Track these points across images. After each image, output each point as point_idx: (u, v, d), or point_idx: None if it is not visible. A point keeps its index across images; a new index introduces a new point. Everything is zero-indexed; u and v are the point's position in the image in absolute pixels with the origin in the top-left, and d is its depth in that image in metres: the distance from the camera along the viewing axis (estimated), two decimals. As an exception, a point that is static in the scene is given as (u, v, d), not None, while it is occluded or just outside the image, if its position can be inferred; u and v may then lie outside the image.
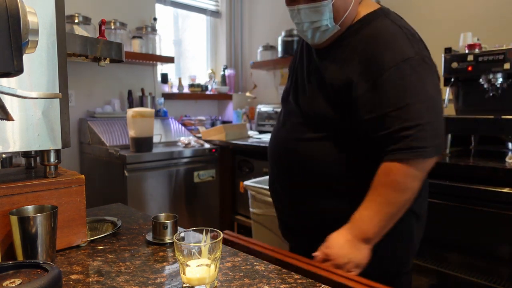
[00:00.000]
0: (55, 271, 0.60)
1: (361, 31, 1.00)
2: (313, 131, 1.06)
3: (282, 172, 1.14)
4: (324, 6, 0.98)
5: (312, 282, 0.71)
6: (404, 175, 0.92)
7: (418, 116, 0.90)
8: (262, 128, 3.47)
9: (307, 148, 1.06)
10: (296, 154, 1.08)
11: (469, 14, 2.41)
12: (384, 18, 1.00)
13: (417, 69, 0.93)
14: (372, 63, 0.95)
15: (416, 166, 0.92)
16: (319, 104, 1.04)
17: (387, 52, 0.94)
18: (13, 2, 0.54)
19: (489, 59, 1.83)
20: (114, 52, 0.96)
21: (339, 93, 0.99)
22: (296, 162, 1.09)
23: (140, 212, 1.16)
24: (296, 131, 1.10)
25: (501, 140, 2.08)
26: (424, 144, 0.90)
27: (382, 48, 0.95)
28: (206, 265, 0.67)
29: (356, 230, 0.95)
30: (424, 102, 0.92)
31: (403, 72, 0.92)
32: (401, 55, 0.93)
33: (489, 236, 1.66)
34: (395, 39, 0.96)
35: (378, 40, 0.96)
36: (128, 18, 3.10)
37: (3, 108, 0.62)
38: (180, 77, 3.57)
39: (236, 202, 3.00)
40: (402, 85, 0.92)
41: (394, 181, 0.92)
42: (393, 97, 0.92)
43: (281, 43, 3.29)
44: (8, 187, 0.76)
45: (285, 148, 1.12)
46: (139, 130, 2.50)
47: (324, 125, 1.04)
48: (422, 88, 0.92)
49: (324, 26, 1.01)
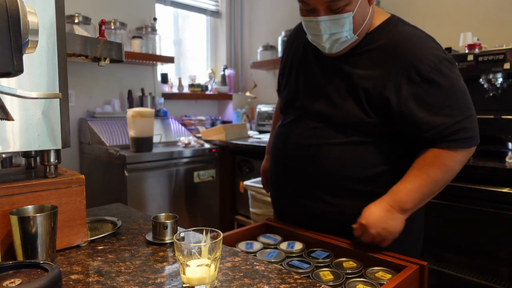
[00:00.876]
0: (55, 271, 0.60)
1: (384, 37, 1.03)
2: (341, 135, 1.06)
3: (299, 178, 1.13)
4: (345, 18, 0.99)
5: (312, 282, 0.71)
6: (454, 160, 1.00)
7: (465, 110, 0.99)
8: (262, 128, 3.47)
9: (335, 153, 1.06)
10: (322, 160, 1.07)
11: (469, 14, 2.41)
12: (404, 24, 1.06)
13: (451, 68, 0.99)
14: (410, 67, 0.98)
15: (463, 153, 1.00)
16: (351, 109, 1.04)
17: (422, 56, 0.98)
18: (13, 2, 0.54)
19: (489, 59, 1.83)
20: (114, 52, 0.96)
21: (374, 98, 1.01)
22: (321, 168, 1.08)
23: (140, 212, 1.16)
24: (318, 136, 1.08)
25: (501, 140, 2.08)
26: (471, 134, 0.99)
27: (416, 53, 0.99)
28: (206, 265, 0.67)
29: (394, 201, 0.99)
30: (465, 96, 1.00)
31: (443, 72, 0.98)
32: (435, 57, 0.98)
33: (489, 236, 1.66)
34: (424, 42, 1.01)
35: (408, 45, 1.00)
36: (128, 18, 3.10)
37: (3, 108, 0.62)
38: (180, 77, 3.57)
39: (236, 202, 3.00)
40: (446, 84, 0.98)
41: (443, 164, 0.99)
42: (441, 95, 0.98)
43: (281, 43, 3.29)
44: (8, 187, 0.76)
45: (305, 154, 1.10)
46: (139, 130, 2.50)
47: (355, 129, 1.05)
48: (461, 85, 1.00)
49: (344, 37, 1.02)
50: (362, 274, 0.90)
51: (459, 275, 1.74)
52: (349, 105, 1.04)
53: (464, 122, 0.98)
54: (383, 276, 0.88)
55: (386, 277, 0.87)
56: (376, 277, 0.88)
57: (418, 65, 0.97)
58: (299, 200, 1.13)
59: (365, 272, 0.90)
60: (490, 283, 1.65)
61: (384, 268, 0.91)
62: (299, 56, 1.19)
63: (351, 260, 0.96)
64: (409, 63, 0.98)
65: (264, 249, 1.05)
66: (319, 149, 1.08)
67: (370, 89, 1.01)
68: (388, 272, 0.89)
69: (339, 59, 1.09)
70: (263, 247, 1.06)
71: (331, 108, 1.07)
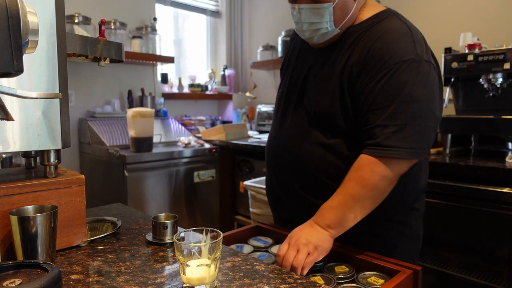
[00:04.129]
0: (55, 271, 0.60)
1: (370, 29, 1.00)
2: (320, 133, 1.03)
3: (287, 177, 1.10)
4: (324, 8, 0.98)
5: (312, 282, 0.71)
6: (371, 172, 0.91)
7: (400, 117, 0.91)
8: (262, 128, 3.47)
9: (317, 152, 1.04)
10: (304, 159, 1.05)
11: (469, 14, 2.41)
12: (393, 17, 1.01)
13: (413, 72, 0.92)
14: (373, 60, 0.95)
15: (387, 165, 0.91)
16: (331, 104, 1.01)
17: (389, 51, 0.94)
18: (13, 2, 0.54)
19: (489, 59, 1.83)
20: (114, 52, 0.95)
21: (350, 91, 0.99)
22: (303, 168, 1.06)
23: (140, 212, 1.16)
24: (299, 135, 1.07)
25: (501, 140, 2.08)
26: (398, 144, 0.90)
27: (385, 47, 0.95)
28: (206, 265, 0.67)
29: (317, 217, 0.95)
30: (410, 104, 0.91)
31: (398, 72, 0.92)
32: (401, 56, 0.93)
33: (489, 236, 1.66)
34: (399, 38, 0.96)
35: (383, 38, 0.97)
36: (128, 18, 3.10)
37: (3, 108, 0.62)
38: (180, 77, 3.57)
39: (236, 202, 3.00)
40: (394, 85, 0.92)
41: (360, 177, 0.92)
42: (383, 95, 0.93)
43: (281, 43, 3.29)
44: (8, 187, 0.76)
45: (288, 154, 1.09)
46: (139, 130, 2.50)
47: (335, 126, 1.01)
48: (413, 91, 0.92)
49: (324, 28, 1.01)
50: (354, 279, 0.87)
51: (459, 275, 1.74)
52: (329, 101, 1.02)
53: (404, 130, 0.90)
54: (375, 281, 0.85)
55: (378, 282, 0.85)
56: (368, 282, 0.85)
57: (379, 59, 0.94)
58: (287, 202, 1.13)
59: (357, 277, 0.87)
60: (490, 283, 1.65)
61: (377, 273, 0.89)
62: (295, 53, 1.19)
63: (343, 265, 0.93)
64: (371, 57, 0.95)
65: (254, 252, 1.03)
66: (301, 148, 1.06)
67: (346, 82, 0.99)
68: (381, 277, 0.87)
69: (322, 52, 1.07)
70: (253, 250, 1.03)
71: (313, 104, 1.05)
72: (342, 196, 0.94)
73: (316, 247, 0.91)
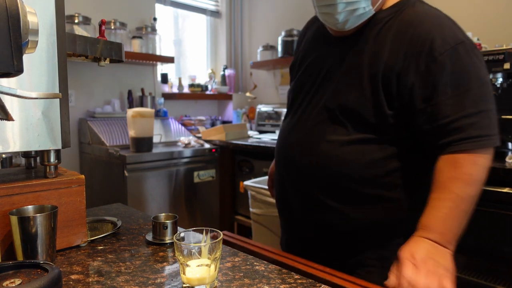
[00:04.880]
0: (55, 271, 0.60)
1: (398, 17, 0.92)
2: (345, 130, 0.94)
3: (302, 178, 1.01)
4: None
5: (312, 282, 0.71)
6: (474, 166, 0.83)
7: (480, 103, 0.84)
8: (262, 128, 3.47)
9: (338, 151, 0.94)
10: (323, 158, 0.96)
11: (469, 14, 2.41)
12: (422, 4, 0.94)
13: (471, 54, 0.86)
14: (423, 47, 0.86)
15: (483, 155, 0.84)
16: (359, 98, 0.92)
17: (438, 35, 0.86)
18: (13, 2, 0.54)
19: (489, 59, 1.83)
20: (114, 52, 0.95)
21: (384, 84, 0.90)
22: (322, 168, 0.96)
23: (140, 212, 1.16)
24: (319, 132, 0.97)
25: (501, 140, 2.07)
26: (488, 132, 0.84)
27: (432, 31, 0.86)
28: (206, 265, 0.67)
29: (432, 235, 0.82)
30: (482, 87, 0.85)
31: (460, 55, 0.84)
32: (454, 38, 0.86)
33: (489, 236, 1.66)
34: (443, 22, 0.89)
35: (424, 24, 0.88)
36: (128, 18, 3.10)
37: (3, 108, 0.62)
38: (180, 77, 3.57)
39: (236, 202, 3.00)
40: (459, 70, 0.84)
41: (465, 174, 0.83)
42: (451, 82, 0.84)
43: (281, 43, 3.29)
44: (8, 187, 0.76)
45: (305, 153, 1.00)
46: (139, 130, 2.50)
47: (361, 123, 0.93)
48: (479, 74, 0.86)
49: (361, 9, 0.91)
50: None
51: (459, 275, 1.74)
52: (356, 93, 0.92)
53: (477, 116, 0.83)
54: None
55: None
56: None
57: (431, 45, 0.85)
58: (299, 206, 1.02)
59: None
60: (490, 283, 1.65)
61: None
62: (308, 48, 1.11)
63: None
64: (421, 43, 0.86)
65: None
66: (320, 146, 0.96)
67: (380, 74, 0.90)
68: None
69: (344, 41, 0.98)
70: None
71: (337, 98, 0.95)
72: (450, 201, 0.82)
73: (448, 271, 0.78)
